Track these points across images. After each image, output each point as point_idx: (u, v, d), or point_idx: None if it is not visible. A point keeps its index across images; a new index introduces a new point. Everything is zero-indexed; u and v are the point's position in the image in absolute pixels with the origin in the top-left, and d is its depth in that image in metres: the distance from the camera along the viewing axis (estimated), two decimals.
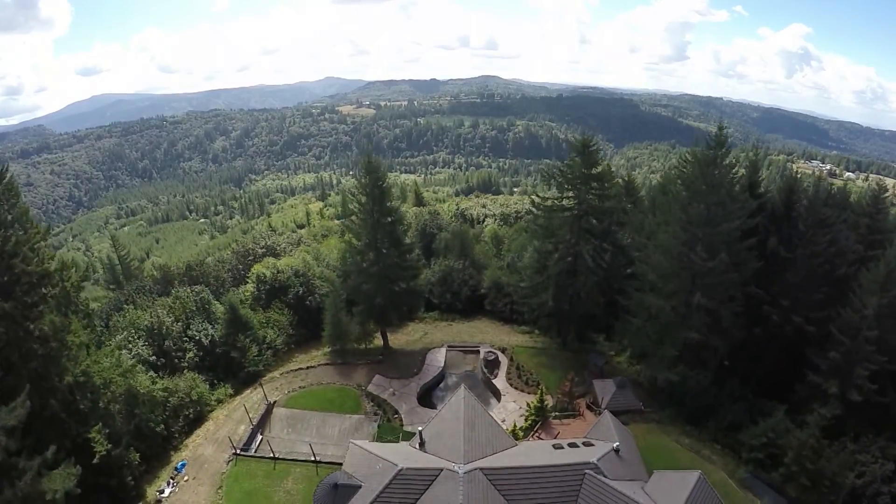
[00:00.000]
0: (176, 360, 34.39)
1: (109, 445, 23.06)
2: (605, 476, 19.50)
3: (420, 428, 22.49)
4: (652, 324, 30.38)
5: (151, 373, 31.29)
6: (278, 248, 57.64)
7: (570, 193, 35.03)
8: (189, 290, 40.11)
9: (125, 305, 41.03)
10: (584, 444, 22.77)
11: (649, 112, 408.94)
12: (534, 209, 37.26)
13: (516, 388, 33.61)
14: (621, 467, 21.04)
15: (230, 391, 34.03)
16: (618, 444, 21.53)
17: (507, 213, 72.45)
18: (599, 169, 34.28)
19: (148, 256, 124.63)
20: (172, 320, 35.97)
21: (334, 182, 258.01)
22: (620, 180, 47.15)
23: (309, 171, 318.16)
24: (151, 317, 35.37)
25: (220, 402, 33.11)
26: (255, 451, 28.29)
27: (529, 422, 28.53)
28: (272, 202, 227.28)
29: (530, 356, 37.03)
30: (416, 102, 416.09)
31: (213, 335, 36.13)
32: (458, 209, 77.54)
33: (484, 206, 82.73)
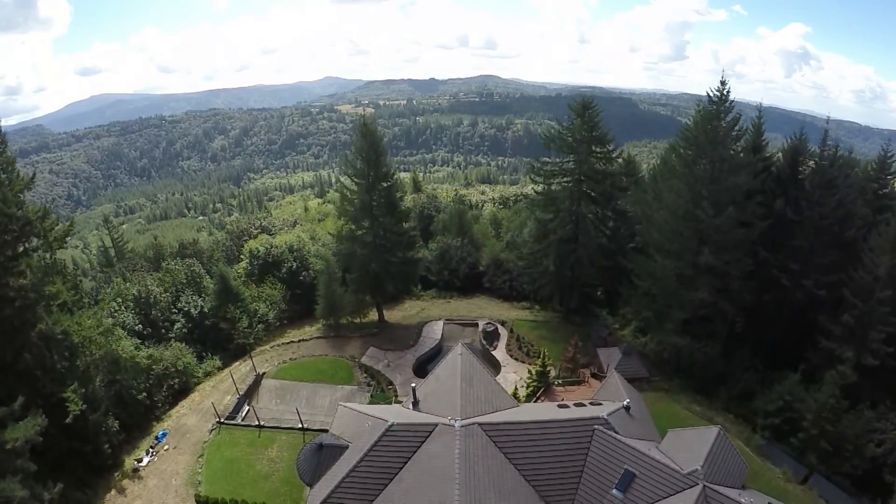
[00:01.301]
0: (163, 331, 33.14)
1: (84, 406, 21.72)
2: (616, 432, 18.13)
3: (413, 385, 21.13)
4: (658, 287, 29.14)
5: (135, 339, 30.00)
6: (273, 229, 56.42)
7: (571, 158, 34.06)
8: (180, 263, 38.91)
9: (114, 279, 39.82)
10: (591, 404, 21.41)
11: (648, 111, 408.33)
12: (533, 175, 36.12)
13: (517, 360, 32.26)
14: (633, 426, 19.61)
15: (218, 364, 32.72)
16: (628, 401, 20.20)
17: (506, 197, 71.38)
18: (600, 131, 33.24)
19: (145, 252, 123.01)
20: (161, 290, 34.71)
21: (333, 180, 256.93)
22: (620, 159, 46.25)
23: (308, 170, 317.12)
24: (139, 285, 34.12)
25: (207, 374, 31.80)
26: (241, 421, 26.94)
27: (531, 389, 27.20)
28: (270, 199, 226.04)
29: (531, 329, 35.73)
30: (415, 101, 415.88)
31: (202, 307, 34.87)
32: (456, 195, 76.41)
33: (483, 193, 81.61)
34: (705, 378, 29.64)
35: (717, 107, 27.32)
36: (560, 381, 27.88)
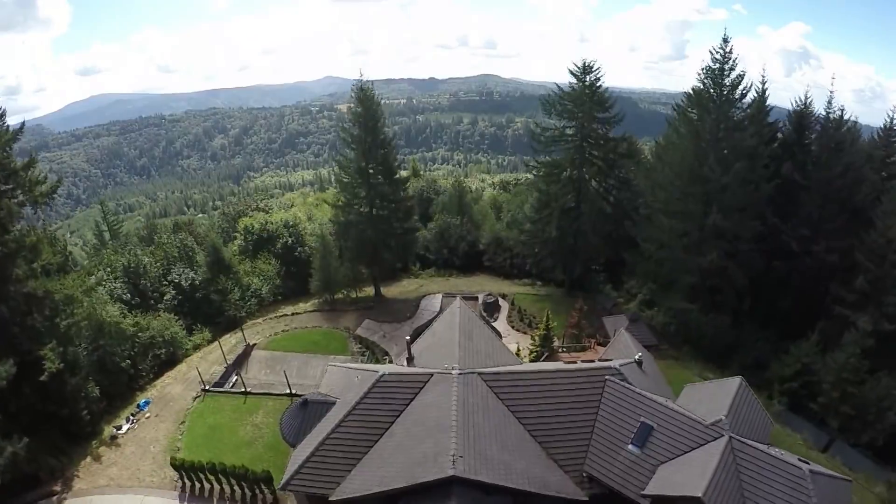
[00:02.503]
0: (152, 302, 31.94)
1: (61, 364, 20.49)
2: (629, 384, 16.75)
3: (408, 338, 19.83)
4: (665, 251, 27.97)
5: (123, 307, 28.78)
6: (270, 210, 55.26)
7: (572, 124, 33.00)
8: (173, 237, 37.80)
9: (104, 251, 38.72)
10: (600, 361, 20.11)
11: (648, 110, 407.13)
12: (534, 142, 34.98)
13: (518, 331, 31.01)
14: (645, 382, 18.22)
15: (208, 336, 31.43)
16: (640, 354, 18.90)
17: (506, 181, 70.20)
18: (601, 94, 32.14)
19: None
20: (152, 261, 33.55)
21: (332, 178, 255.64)
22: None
23: (308, 168, 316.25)
24: (129, 256, 32.97)
25: (196, 347, 30.54)
26: (229, 389, 25.66)
27: (534, 355, 25.88)
28: (271, 196, 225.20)
29: (532, 302, 34.48)
30: (414, 100, 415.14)
31: (194, 279, 33.66)
32: (456, 180, 75.09)
33: (482, 181, 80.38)
34: (716, 349, 28.45)
35: (721, 65, 26.79)
36: (564, 348, 26.59)
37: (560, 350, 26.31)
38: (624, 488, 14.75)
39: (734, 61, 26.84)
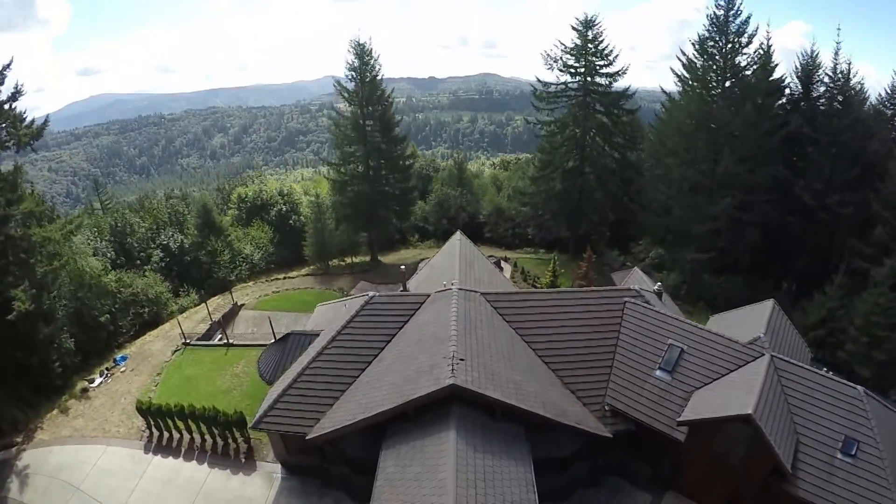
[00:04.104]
0: (138, 262, 30.39)
1: (32, 306, 18.90)
2: (652, 305, 15.03)
3: (402, 267, 18.17)
4: (675, 200, 26.57)
5: (105, 261, 27.26)
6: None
7: (575, 80, 31.51)
8: (164, 202, 36.33)
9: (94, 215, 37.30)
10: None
11: (649, 109, 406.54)
12: (535, 101, 33.41)
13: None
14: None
15: (195, 298, 29.84)
16: (660, 284, 17.25)
17: (506, 161, 68.67)
18: (604, 45, 30.66)
19: None
20: (140, 222, 32.03)
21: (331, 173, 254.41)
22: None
23: (307, 167, 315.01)
24: (117, 215, 31.50)
25: (183, 310, 28.91)
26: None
27: None
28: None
29: (536, 265, 32.85)
30: (414, 99, 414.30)
31: (183, 241, 32.13)
32: (455, 160, 73.63)
33: (482, 165, 78.88)
34: (732, 306, 26.84)
35: (726, 12, 25.95)
36: None
37: None
38: (654, 420, 13.02)
39: (738, 7, 25.98)
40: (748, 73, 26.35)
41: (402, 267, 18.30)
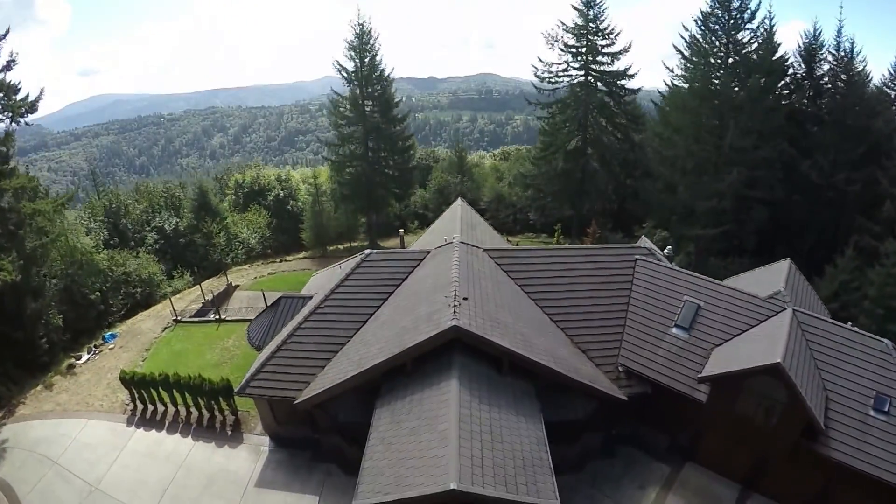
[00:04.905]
0: (132, 243, 29.74)
1: (18, 277, 18.23)
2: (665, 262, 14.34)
3: (401, 231, 17.42)
4: (682, 178, 25.99)
5: (98, 241, 26.64)
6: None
7: (576, 62, 30.86)
8: (160, 184, 35.77)
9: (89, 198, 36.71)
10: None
11: (648, 108, 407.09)
12: (536, 83, 32.74)
13: None
14: None
15: (189, 280, 29.14)
16: (670, 248, 16.53)
17: (507, 152, 68.07)
18: (605, 23, 29.99)
19: None
20: (134, 203, 31.42)
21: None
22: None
23: (307, 166, 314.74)
24: (111, 196, 30.87)
25: (176, 291, 28.20)
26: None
27: None
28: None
29: (538, 246, 32.12)
30: (414, 99, 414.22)
31: (178, 224, 31.46)
32: (456, 148, 73.30)
33: (482, 158, 78.25)
34: None
35: None
36: None
37: None
38: (672, 380, 12.26)
39: None
40: (751, 49, 25.95)
41: (401, 231, 17.55)
